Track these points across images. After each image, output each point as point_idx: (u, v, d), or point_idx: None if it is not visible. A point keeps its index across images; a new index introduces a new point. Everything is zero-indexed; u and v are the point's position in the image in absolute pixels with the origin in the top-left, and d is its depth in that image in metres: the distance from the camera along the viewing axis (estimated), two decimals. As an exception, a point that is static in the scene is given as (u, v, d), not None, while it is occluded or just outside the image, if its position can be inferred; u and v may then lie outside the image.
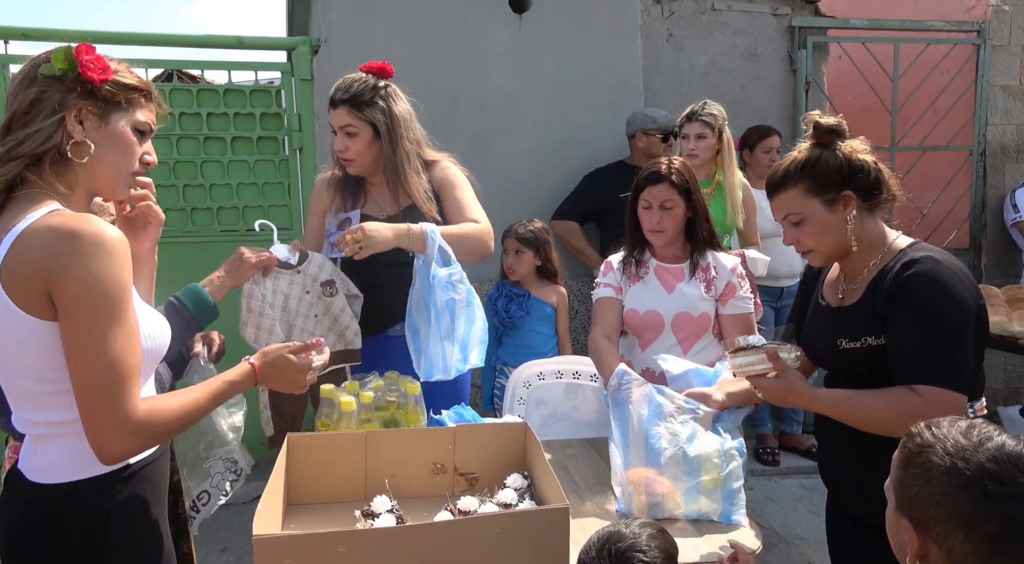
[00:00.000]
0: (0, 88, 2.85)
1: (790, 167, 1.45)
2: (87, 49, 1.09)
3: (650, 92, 3.55)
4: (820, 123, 1.44)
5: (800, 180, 1.43)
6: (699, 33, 3.62)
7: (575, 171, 3.34)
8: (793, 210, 1.45)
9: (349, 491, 1.51)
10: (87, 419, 1.03)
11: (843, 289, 1.51)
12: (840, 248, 1.45)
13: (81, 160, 1.10)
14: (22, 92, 1.09)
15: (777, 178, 1.47)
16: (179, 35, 3.16)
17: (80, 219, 1.03)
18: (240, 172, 3.14)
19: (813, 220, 1.43)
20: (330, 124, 1.95)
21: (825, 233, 1.43)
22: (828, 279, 1.59)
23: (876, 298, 1.39)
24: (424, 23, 3.21)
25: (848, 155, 1.42)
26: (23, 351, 1.05)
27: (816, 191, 1.42)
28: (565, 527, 1.21)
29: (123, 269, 1.04)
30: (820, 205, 1.42)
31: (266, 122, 3.16)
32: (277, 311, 1.81)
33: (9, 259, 1.02)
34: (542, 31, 3.34)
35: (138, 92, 1.15)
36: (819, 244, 1.45)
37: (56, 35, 2.92)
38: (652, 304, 2.00)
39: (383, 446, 1.52)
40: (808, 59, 3.70)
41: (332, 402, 1.65)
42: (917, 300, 1.33)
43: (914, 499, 0.86)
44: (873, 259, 1.45)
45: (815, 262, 1.52)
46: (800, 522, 3.02)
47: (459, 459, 1.55)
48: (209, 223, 3.14)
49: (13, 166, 1.07)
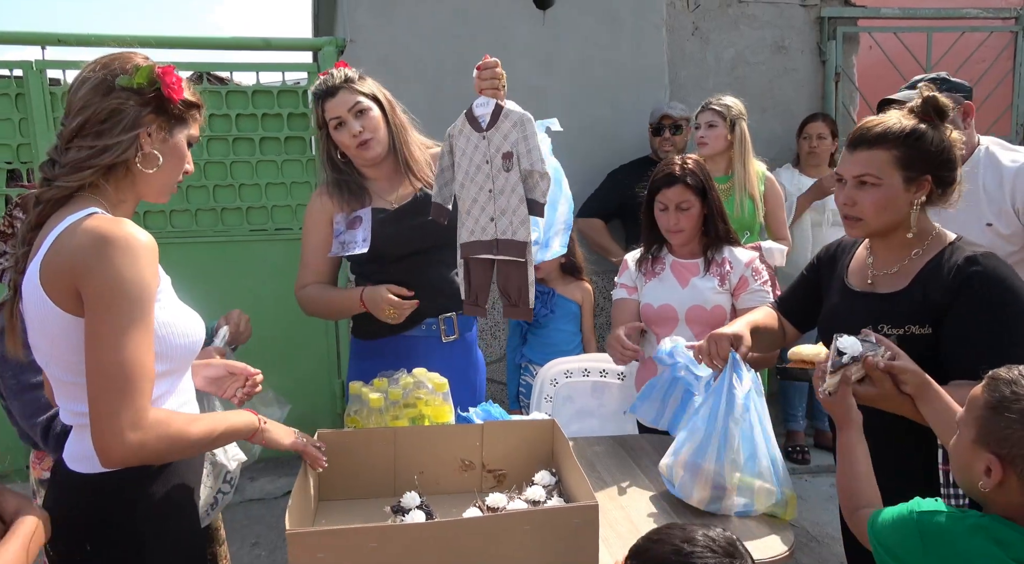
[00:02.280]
0: (38, 92, 2.92)
1: (892, 129, 1.37)
2: (169, 70, 1.15)
3: (675, 86, 3.52)
4: (936, 99, 1.37)
5: (894, 147, 1.36)
6: (725, 26, 3.58)
7: (599, 167, 3.32)
8: (871, 172, 1.38)
9: (378, 487, 1.52)
10: (94, 416, 1.05)
11: (872, 274, 1.48)
12: (889, 228, 1.41)
13: (149, 171, 1.16)
14: (98, 100, 1.12)
15: (870, 134, 1.39)
16: (209, 38, 3.20)
17: (112, 222, 1.07)
18: (268, 172, 3.19)
19: (885, 191, 1.37)
20: (331, 119, 1.88)
21: (888, 208, 1.38)
22: (855, 264, 1.55)
23: (929, 288, 1.36)
24: (448, 21, 3.22)
25: (949, 143, 1.38)
26: (58, 344, 1.10)
27: (904, 164, 1.36)
28: (594, 524, 1.21)
29: (147, 272, 1.07)
30: (900, 180, 1.36)
31: (293, 122, 3.19)
32: (460, 172, 1.67)
33: (48, 257, 1.08)
34: (566, 26, 3.33)
35: (196, 109, 1.23)
36: (875, 217, 1.39)
37: (90, 40, 2.98)
38: (666, 298, 2.05)
39: (412, 442, 1.53)
40: (838, 50, 3.63)
41: (361, 399, 1.67)
42: (986, 296, 1.31)
43: (1006, 438, 0.99)
44: (916, 248, 1.42)
45: (855, 232, 1.46)
46: (832, 521, 2.97)
47: (487, 456, 1.56)
48: (239, 223, 3.19)
49: (89, 174, 1.12)
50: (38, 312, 1.09)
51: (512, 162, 1.58)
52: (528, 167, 1.57)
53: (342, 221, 1.97)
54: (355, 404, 1.68)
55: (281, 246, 3.22)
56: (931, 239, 1.42)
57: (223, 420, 1.21)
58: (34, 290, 1.08)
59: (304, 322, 3.28)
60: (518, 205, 1.59)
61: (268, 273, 3.21)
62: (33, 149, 2.95)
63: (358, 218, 1.95)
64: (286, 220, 3.23)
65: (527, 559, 1.19)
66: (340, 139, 1.90)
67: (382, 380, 1.75)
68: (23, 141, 2.95)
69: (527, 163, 1.57)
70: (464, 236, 1.70)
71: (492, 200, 1.62)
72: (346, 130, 1.87)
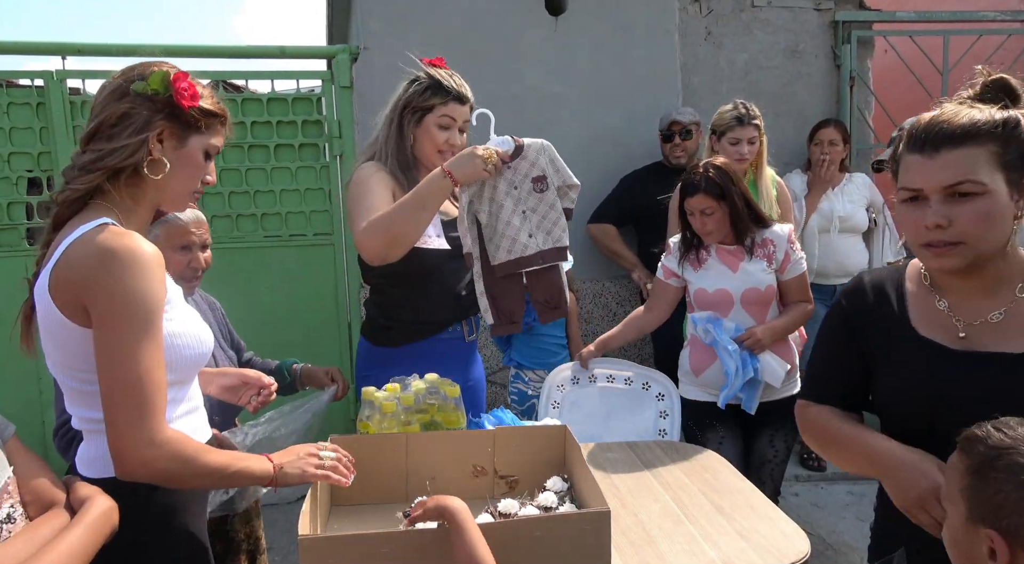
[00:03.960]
0: (58, 102, 2.98)
1: (981, 120, 1.04)
2: (182, 77, 1.15)
3: (688, 91, 3.51)
4: (1003, 79, 1.11)
5: (991, 140, 1.03)
6: (738, 31, 3.57)
7: (612, 172, 3.32)
8: (972, 176, 1.03)
9: (391, 492, 1.52)
10: (111, 430, 1.05)
11: (964, 326, 1.10)
12: (995, 251, 1.06)
13: (155, 177, 1.16)
14: (112, 104, 1.14)
15: (956, 128, 1.05)
16: (225, 47, 3.24)
17: (119, 235, 1.07)
18: (283, 179, 3.21)
19: (991, 201, 1.03)
20: (443, 116, 1.86)
21: (997, 224, 1.04)
22: (919, 312, 1.16)
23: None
24: (461, 29, 3.24)
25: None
26: (67, 352, 1.10)
27: (1007, 163, 1.04)
28: (606, 531, 1.21)
29: (154, 285, 1.07)
30: (1004, 184, 1.04)
31: (307, 129, 3.22)
32: (486, 203, 1.79)
33: (57, 267, 1.08)
34: (578, 32, 3.33)
35: (216, 118, 1.22)
36: (982, 237, 1.04)
37: (110, 50, 3.04)
38: (720, 283, 2.21)
39: (424, 448, 1.53)
40: (853, 54, 3.61)
41: (373, 404, 1.67)
42: None
43: (1001, 505, 0.80)
44: (1019, 281, 1.09)
45: (951, 262, 1.06)
46: (848, 529, 2.94)
47: (499, 462, 1.56)
48: (254, 229, 3.22)
49: (96, 176, 1.13)
50: (47, 320, 1.10)
51: (545, 183, 1.81)
52: (561, 183, 1.83)
53: None
54: (367, 410, 1.69)
55: (295, 252, 3.25)
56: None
57: (240, 460, 1.17)
58: (44, 298, 1.09)
59: (317, 328, 3.33)
60: (557, 217, 1.84)
61: (282, 279, 3.23)
62: (53, 158, 3.00)
63: None
64: (300, 226, 3.26)
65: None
66: (435, 136, 1.86)
67: (394, 385, 1.76)
68: (43, 149, 3.00)
69: (559, 180, 1.83)
70: (502, 257, 1.82)
71: (527, 219, 1.81)
72: (446, 135, 1.87)
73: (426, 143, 1.88)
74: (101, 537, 1.01)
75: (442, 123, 1.87)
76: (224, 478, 1.15)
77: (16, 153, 3.00)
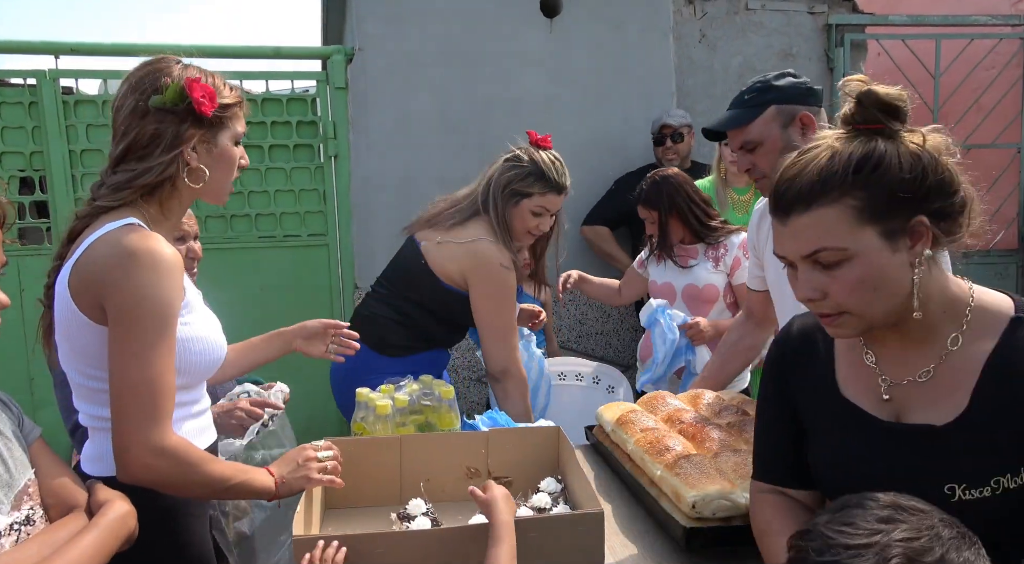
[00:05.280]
0: (51, 101, 2.96)
1: (829, 168, 0.87)
2: (197, 84, 1.13)
3: (682, 94, 3.52)
4: (875, 94, 0.88)
5: (848, 193, 0.86)
6: (732, 33, 3.58)
7: (606, 174, 3.33)
8: (827, 242, 0.87)
9: (385, 494, 1.52)
10: (117, 431, 1.05)
11: (888, 387, 0.95)
12: (894, 312, 0.90)
13: (197, 186, 1.16)
14: (137, 122, 1.13)
15: (799, 187, 0.88)
16: (219, 46, 3.23)
17: (141, 237, 1.07)
18: (277, 179, 3.21)
19: (863, 262, 0.87)
20: (538, 206, 1.96)
21: (880, 285, 0.88)
22: (845, 368, 1.01)
23: (1007, 407, 0.87)
24: (456, 30, 3.24)
25: (929, 154, 0.88)
26: (80, 348, 1.11)
27: (874, 214, 0.86)
28: (600, 531, 1.21)
29: (172, 289, 1.08)
30: (877, 238, 0.87)
31: (302, 130, 3.21)
32: None
33: (79, 264, 1.09)
34: (573, 34, 3.34)
35: (236, 106, 1.21)
36: (860, 304, 0.89)
37: (102, 49, 3.02)
38: (667, 277, 2.48)
39: (418, 450, 1.53)
40: (846, 58, 3.63)
41: (367, 406, 1.67)
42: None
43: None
44: (951, 331, 0.92)
45: (845, 332, 0.93)
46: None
47: (493, 463, 1.56)
48: (248, 230, 3.21)
49: (128, 194, 1.13)
50: (64, 315, 1.10)
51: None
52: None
53: None
54: (362, 411, 1.69)
55: (289, 253, 3.24)
56: (972, 313, 0.92)
57: (243, 472, 1.16)
58: (63, 293, 1.10)
59: (312, 328, 3.32)
60: None
61: (276, 280, 3.23)
62: (45, 157, 2.99)
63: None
64: (294, 227, 3.25)
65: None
66: (527, 222, 1.98)
67: (389, 387, 1.76)
68: (36, 149, 2.99)
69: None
70: None
71: None
72: (539, 222, 2.00)
73: (517, 223, 1.99)
74: (116, 541, 1.01)
75: (535, 211, 1.98)
76: (225, 490, 1.14)
77: (8, 152, 2.98)
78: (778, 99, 1.56)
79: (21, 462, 0.99)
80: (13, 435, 1.01)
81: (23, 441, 1.03)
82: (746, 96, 1.61)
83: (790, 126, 1.55)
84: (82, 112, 3.00)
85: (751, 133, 1.57)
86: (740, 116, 1.59)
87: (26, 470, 1.00)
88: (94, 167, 3.02)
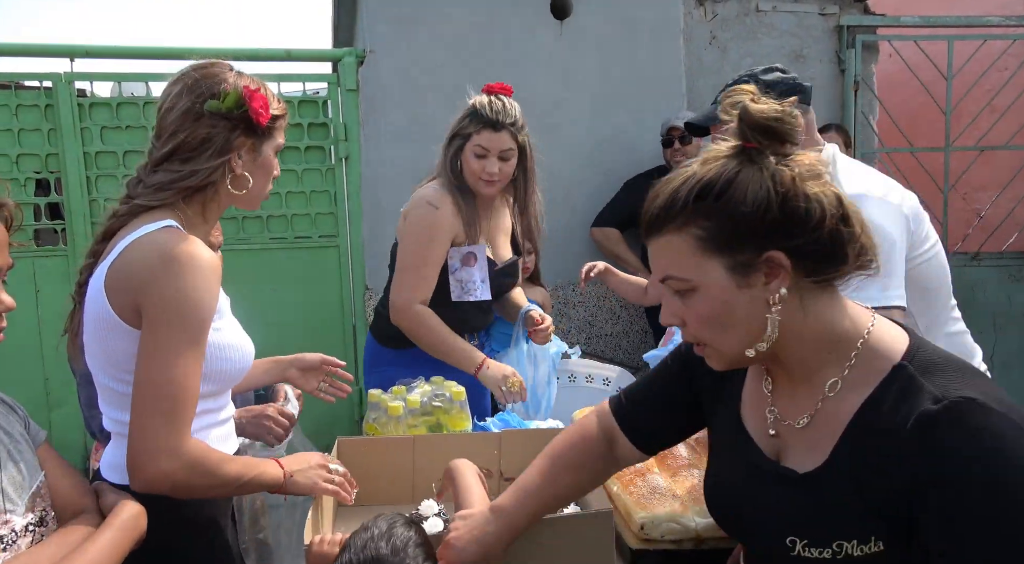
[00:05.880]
0: (66, 103, 2.99)
1: (675, 194, 0.82)
2: (256, 94, 1.15)
3: (693, 95, 3.52)
4: (748, 111, 0.81)
5: (691, 220, 0.81)
6: (743, 35, 3.57)
7: (616, 176, 3.33)
8: (673, 271, 0.83)
9: (397, 494, 1.53)
10: (134, 431, 1.04)
11: (776, 419, 0.89)
12: (743, 350, 0.84)
13: (240, 192, 1.18)
14: (190, 124, 1.12)
15: (657, 210, 0.84)
16: (231, 49, 3.25)
17: (180, 239, 1.07)
18: (288, 181, 3.23)
19: (708, 296, 0.82)
20: (477, 146, 1.87)
21: (728, 322, 0.82)
22: (750, 390, 0.95)
23: (864, 467, 0.78)
24: (467, 32, 3.25)
25: (786, 181, 0.79)
26: (110, 350, 1.10)
27: (718, 246, 0.80)
28: (609, 531, 1.21)
29: (209, 294, 1.07)
30: (723, 271, 0.80)
31: (313, 132, 3.23)
32: None
33: (115, 266, 1.08)
34: (583, 36, 3.35)
35: (283, 118, 1.23)
36: (718, 339, 0.84)
37: (117, 52, 3.06)
38: None
39: (430, 450, 1.54)
40: (857, 59, 3.61)
41: (380, 407, 1.68)
42: (980, 495, 0.70)
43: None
44: (833, 375, 0.83)
45: (714, 364, 0.88)
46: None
47: (504, 464, 1.56)
48: (259, 231, 3.23)
49: (170, 195, 1.13)
50: (96, 316, 1.09)
51: None
52: None
53: (457, 255, 1.93)
54: (374, 412, 1.70)
55: (301, 254, 3.26)
56: (858, 356, 0.82)
57: (254, 467, 1.16)
58: (97, 294, 1.09)
59: (323, 330, 3.33)
60: None
61: (288, 281, 3.24)
62: (61, 159, 3.02)
63: (472, 254, 1.94)
64: (306, 229, 3.27)
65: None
66: (471, 165, 1.90)
67: (400, 388, 1.77)
68: (51, 151, 3.02)
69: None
70: None
71: None
72: (483, 163, 1.88)
73: (467, 172, 1.91)
74: (129, 541, 1.02)
75: (476, 152, 1.89)
76: (237, 488, 1.14)
77: (24, 155, 3.01)
78: None
79: (32, 464, 1.01)
80: (22, 438, 1.02)
81: (31, 443, 1.04)
82: None
83: None
84: (96, 114, 3.03)
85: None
86: None
87: (37, 472, 1.01)
88: (108, 169, 3.05)
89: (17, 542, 0.93)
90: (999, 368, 3.66)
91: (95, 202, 3.05)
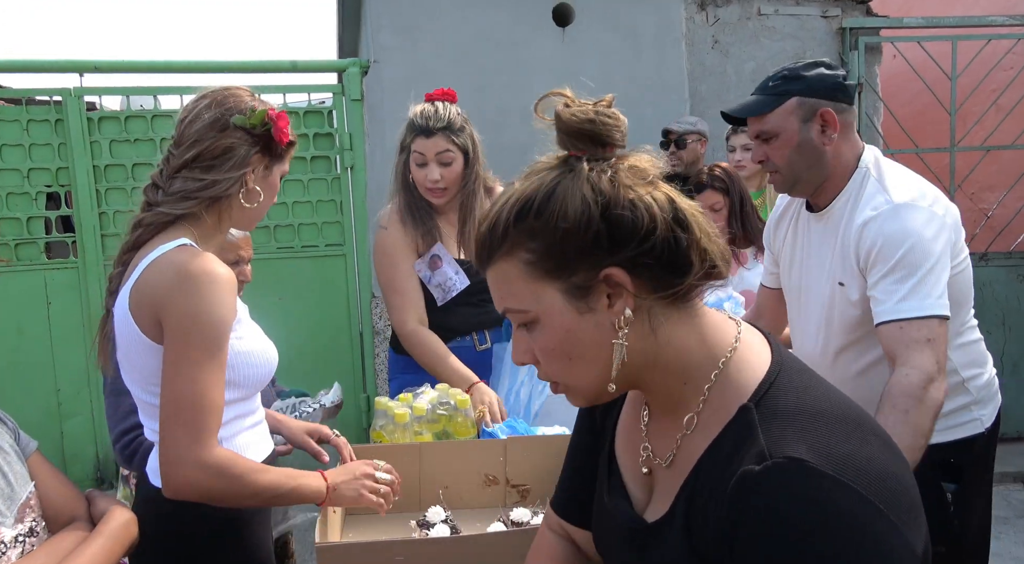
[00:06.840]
0: (76, 118, 3.03)
1: (498, 215, 0.73)
2: (280, 116, 1.22)
3: (696, 99, 3.53)
4: (561, 117, 0.76)
5: (518, 243, 0.72)
6: (745, 39, 3.58)
7: (621, 181, 3.34)
8: (511, 303, 0.74)
9: (404, 501, 1.54)
10: (162, 445, 1.07)
11: (646, 457, 0.79)
12: (601, 385, 0.74)
13: (251, 205, 1.21)
14: (215, 134, 1.17)
15: (481, 235, 0.75)
16: (237, 62, 3.29)
17: (195, 256, 1.11)
18: (294, 191, 3.25)
19: (549, 326, 0.72)
20: (416, 153, 1.87)
21: (573, 353, 0.73)
22: (628, 418, 0.85)
23: (696, 518, 0.69)
24: (470, 41, 3.27)
25: (605, 188, 0.70)
26: (142, 367, 1.14)
27: (548, 269, 0.71)
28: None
29: (226, 308, 1.10)
30: (559, 297, 0.71)
31: (319, 142, 3.26)
32: None
33: (138, 285, 1.12)
34: (586, 42, 3.36)
35: (293, 146, 1.28)
36: (567, 374, 0.75)
37: (126, 67, 3.10)
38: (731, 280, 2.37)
39: (436, 457, 1.55)
40: (860, 61, 3.61)
41: (386, 414, 1.69)
42: (763, 556, 0.63)
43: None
44: (691, 408, 0.74)
45: (574, 402, 0.79)
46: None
47: (510, 471, 1.57)
48: (266, 241, 3.26)
49: (193, 204, 1.16)
50: (125, 335, 1.13)
51: None
52: None
53: (423, 266, 1.94)
54: (381, 419, 1.71)
55: (307, 264, 3.29)
56: (713, 388, 0.72)
57: (294, 478, 1.15)
58: (123, 315, 1.13)
59: (330, 338, 3.35)
60: None
61: (295, 290, 3.27)
62: (71, 173, 3.06)
63: (436, 257, 1.95)
64: (312, 238, 3.29)
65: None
66: (416, 175, 1.91)
67: (407, 395, 1.78)
68: (62, 165, 3.06)
69: None
70: None
71: None
72: (425, 171, 1.88)
73: (416, 182, 1.92)
74: (121, 548, 1.03)
75: (416, 160, 1.89)
76: (275, 498, 1.15)
77: (35, 169, 3.05)
78: (802, 90, 1.45)
79: (21, 475, 1.02)
80: (11, 449, 1.04)
81: (21, 454, 1.05)
82: (771, 83, 1.51)
83: (810, 121, 1.44)
84: (106, 128, 3.07)
85: (768, 123, 1.47)
86: (760, 103, 1.49)
87: (26, 483, 1.02)
88: (117, 181, 3.09)
89: (7, 553, 0.94)
90: (1008, 368, 3.64)
91: (105, 215, 3.08)
